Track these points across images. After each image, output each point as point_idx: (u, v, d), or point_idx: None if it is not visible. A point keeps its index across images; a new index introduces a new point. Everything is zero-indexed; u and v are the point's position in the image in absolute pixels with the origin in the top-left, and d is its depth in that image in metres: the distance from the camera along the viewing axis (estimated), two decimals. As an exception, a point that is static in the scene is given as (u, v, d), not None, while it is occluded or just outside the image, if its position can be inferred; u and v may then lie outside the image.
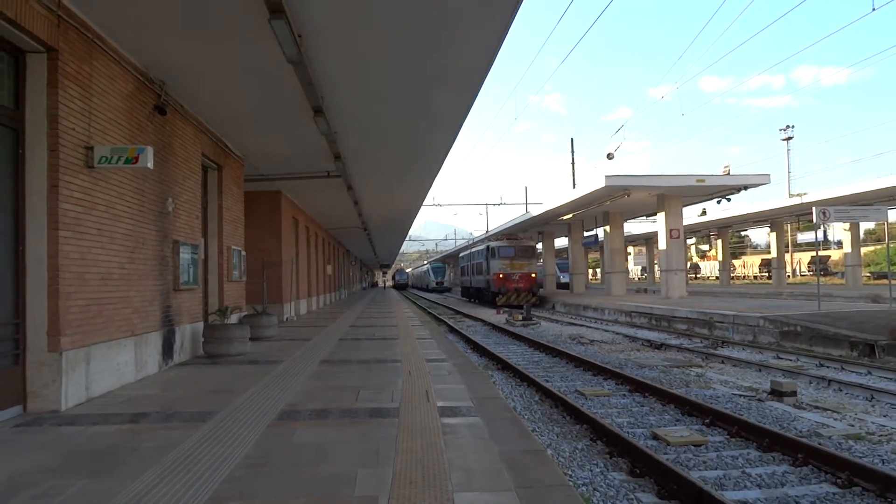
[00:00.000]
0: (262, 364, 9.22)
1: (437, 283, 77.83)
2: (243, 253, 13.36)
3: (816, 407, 8.53)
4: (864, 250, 50.76)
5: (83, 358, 6.42)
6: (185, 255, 9.45)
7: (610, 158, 29.39)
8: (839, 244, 55.54)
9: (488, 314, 29.51)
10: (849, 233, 38.04)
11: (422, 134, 11.98)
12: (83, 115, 6.48)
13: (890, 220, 22.15)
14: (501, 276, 34.90)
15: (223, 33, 7.10)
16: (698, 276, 77.84)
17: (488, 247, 37.85)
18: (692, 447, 6.69)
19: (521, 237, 39.58)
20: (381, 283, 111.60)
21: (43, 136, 5.97)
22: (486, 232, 55.72)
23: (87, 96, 6.56)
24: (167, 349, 8.85)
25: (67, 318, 6.13)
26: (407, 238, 50.85)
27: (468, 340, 17.71)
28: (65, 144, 6.10)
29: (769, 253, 53.97)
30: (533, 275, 35.61)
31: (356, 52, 7.68)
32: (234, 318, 11.37)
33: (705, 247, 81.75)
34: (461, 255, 54.58)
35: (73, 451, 4.69)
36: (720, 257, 49.62)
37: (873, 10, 14.70)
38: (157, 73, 8.24)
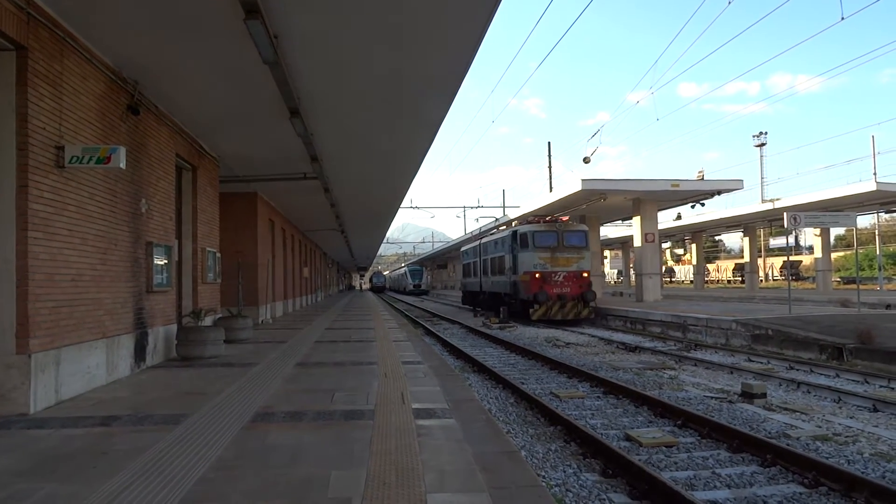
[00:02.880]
0: (237, 366, 9.15)
1: (414, 286, 77.65)
2: (218, 255, 13.24)
3: (786, 409, 8.69)
4: (834, 255, 51.82)
5: (53, 360, 6.32)
6: (158, 256, 9.34)
7: (586, 162, 29.43)
8: (810, 249, 56.69)
9: (465, 317, 29.53)
10: (819, 238, 38.76)
11: (400, 134, 11.95)
12: (54, 114, 6.38)
13: (859, 227, 22.63)
14: (538, 275, 23.96)
15: (197, 33, 7.05)
16: (673, 279, 78.85)
17: (516, 232, 25.93)
18: (664, 448, 6.78)
19: (566, 218, 27.89)
20: (358, 286, 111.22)
21: (11, 135, 5.88)
22: (466, 234, 53.16)
23: (57, 95, 6.46)
24: (139, 351, 8.74)
25: (37, 319, 6.03)
26: (384, 240, 50.34)
27: (445, 343, 17.70)
28: (34, 144, 6.01)
29: (742, 257, 54.86)
30: (584, 274, 24.60)
31: (334, 52, 7.65)
32: (208, 321, 11.26)
33: (680, 251, 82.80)
34: (464, 248, 39.31)
35: (42, 455, 4.62)
36: (694, 261, 50.23)
37: (842, 18, 15.21)
38: (130, 73, 8.14)
